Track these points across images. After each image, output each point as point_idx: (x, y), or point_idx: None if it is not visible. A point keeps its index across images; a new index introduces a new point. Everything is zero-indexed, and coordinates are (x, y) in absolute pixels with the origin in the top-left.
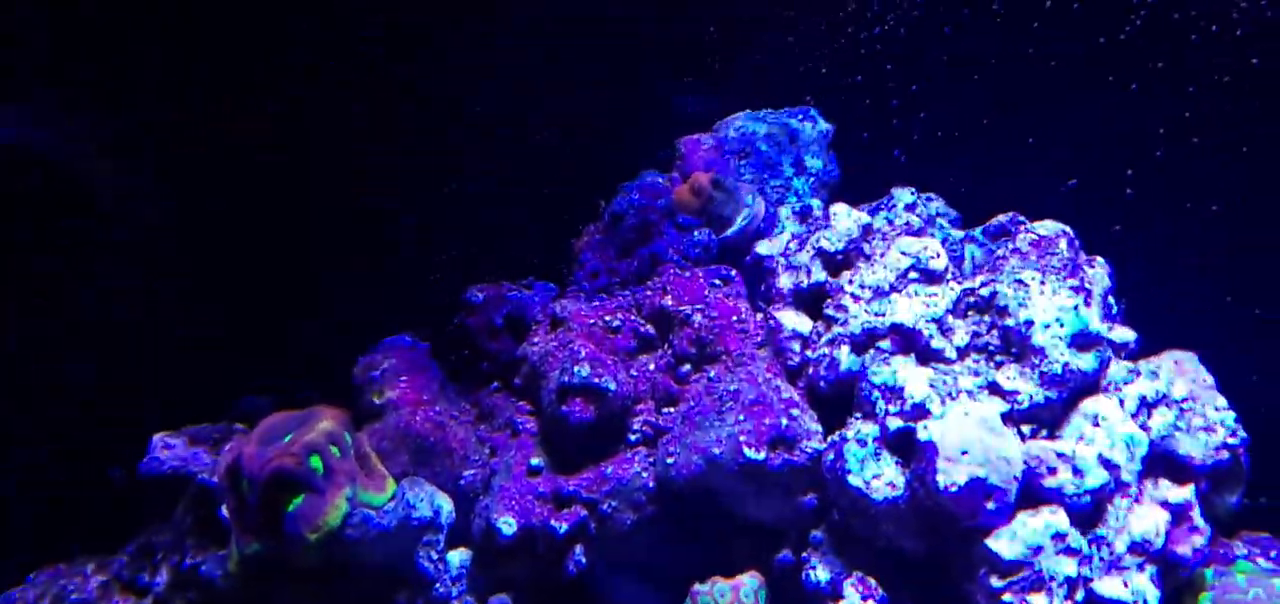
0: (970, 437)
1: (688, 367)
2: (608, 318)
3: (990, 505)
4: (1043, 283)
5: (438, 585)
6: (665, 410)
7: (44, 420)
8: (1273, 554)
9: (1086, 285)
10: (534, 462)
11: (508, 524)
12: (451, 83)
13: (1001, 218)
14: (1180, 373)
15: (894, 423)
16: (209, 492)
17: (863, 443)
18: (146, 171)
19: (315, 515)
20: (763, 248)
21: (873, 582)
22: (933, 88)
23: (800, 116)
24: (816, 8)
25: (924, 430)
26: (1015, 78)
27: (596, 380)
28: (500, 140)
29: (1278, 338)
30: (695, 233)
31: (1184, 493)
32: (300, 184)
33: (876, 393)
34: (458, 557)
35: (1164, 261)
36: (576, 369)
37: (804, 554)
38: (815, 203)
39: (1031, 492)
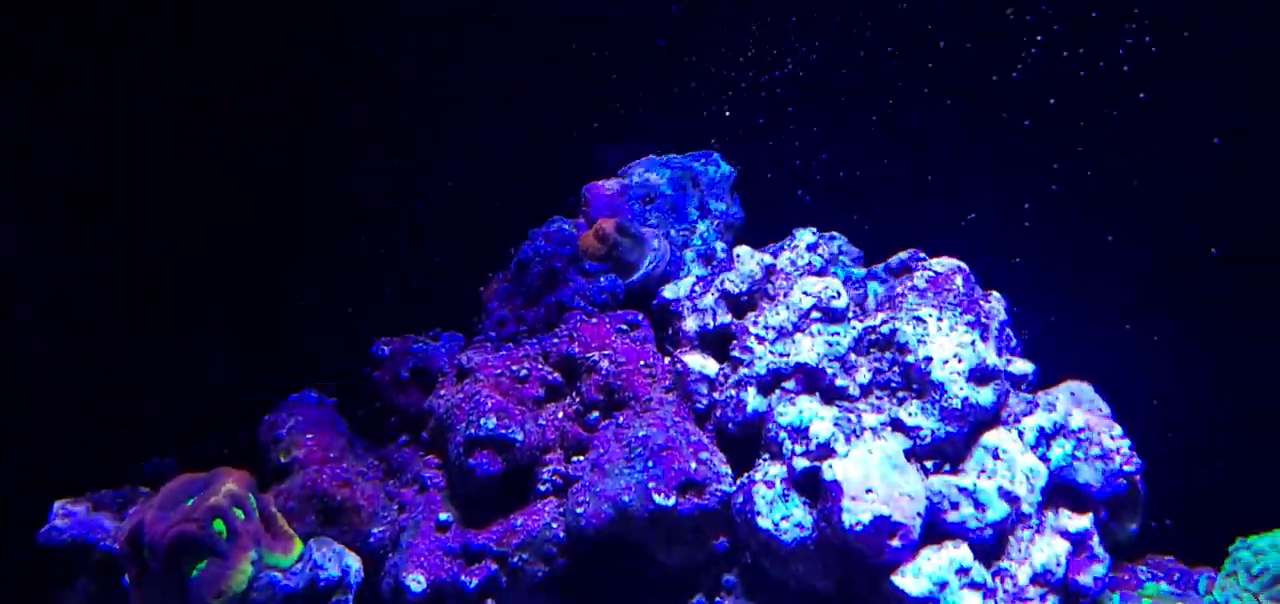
0: (874, 475)
1: (597, 413)
2: (514, 367)
3: (895, 543)
4: (940, 319)
5: None
6: (575, 458)
7: None
8: (1176, 577)
9: (983, 320)
10: (442, 516)
11: (417, 581)
12: (361, 134)
13: (902, 255)
14: (1077, 403)
15: (800, 463)
16: (113, 559)
17: (771, 485)
18: (45, 228)
19: (219, 580)
20: (668, 291)
21: None
22: (833, 129)
23: (703, 160)
24: (719, 54)
25: (829, 470)
26: (913, 117)
27: (503, 431)
28: (410, 189)
29: (1174, 363)
30: (601, 279)
31: (1083, 522)
32: (202, 241)
33: (783, 433)
34: None
35: (1062, 291)
36: (483, 421)
37: (717, 598)
38: (719, 245)
39: (935, 527)
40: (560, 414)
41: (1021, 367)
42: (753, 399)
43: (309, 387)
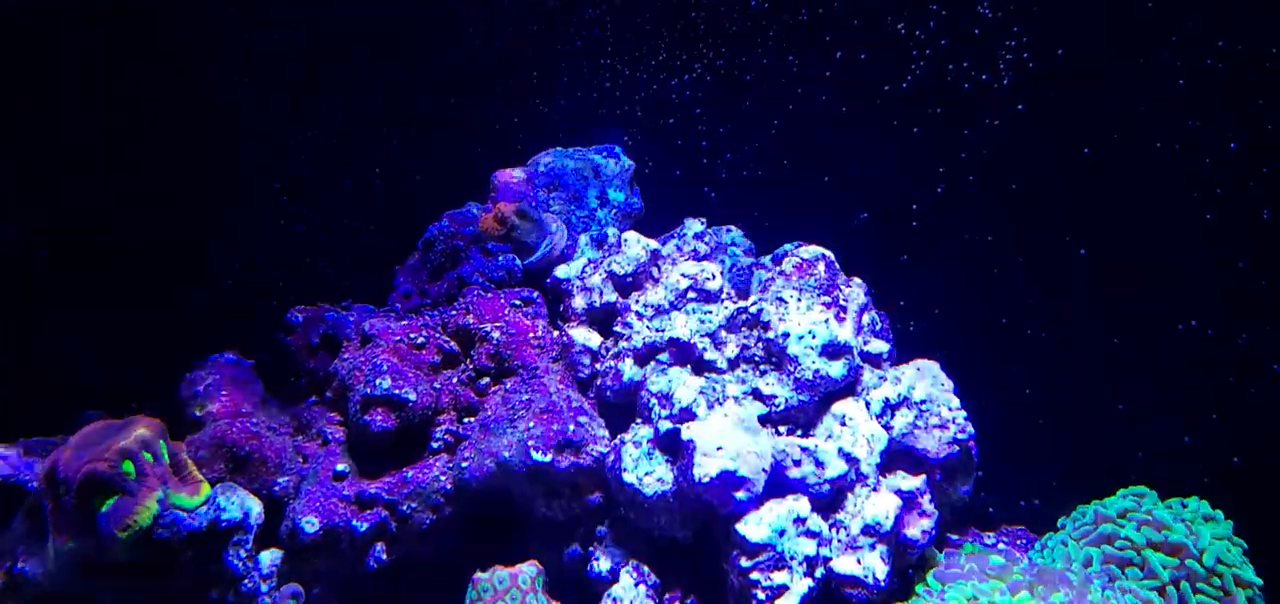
0: (726, 435)
1: (487, 380)
2: (413, 335)
3: (740, 494)
4: (800, 300)
5: (246, 581)
6: (466, 420)
7: None
8: (1020, 542)
9: (841, 302)
10: (340, 467)
11: (310, 523)
12: (304, 115)
13: (787, 246)
14: (921, 378)
15: (665, 425)
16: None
17: (638, 444)
18: None
19: (125, 515)
20: (561, 271)
21: (646, 568)
22: (738, 131)
23: (605, 154)
24: (632, 56)
25: (687, 430)
26: (811, 123)
27: (397, 391)
28: (342, 176)
29: (1050, 354)
30: (500, 258)
31: (916, 482)
32: (145, 207)
33: (653, 400)
34: (269, 556)
35: (943, 284)
36: (378, 381)
37: (590, 547)
38: (612, 231)
39: (779, 482)
40: (455, 380)
41: (878, 346)
42: (629, 369)
43: (228, 350)
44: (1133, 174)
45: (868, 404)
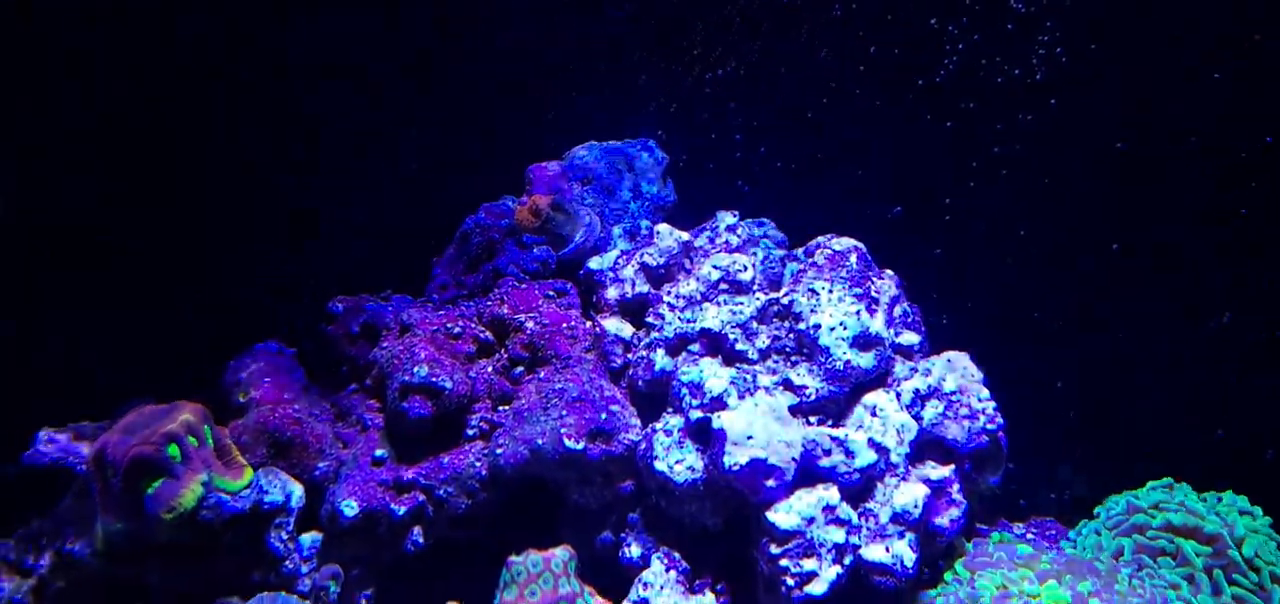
0: (756, 424)
1: (521, 369)
2: (449, 325)
3: (770, 483)
4: (831, 291)
5: (287, 562)
6: (500, 408)
7: None
8: (1050, 533)
9: (872, 294)
10: (378, 453)
11: (350, 507)
12: (351, 109)
13: (820, 238)
14: (952, 369)
15: (696, 414)
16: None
17: (669, 433)
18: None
19: (171, 497)
20: (594, 262)
21: (677, 554)
22: (772, 125)
23: (639, 147)
24: (667, 51)
25: (717, 419)
26: (845, 116)
27: (434, 379)
28: (385, 169)
29: (1081, 349)
30: (535, 249)
31: (945, 471)
32: (196, 199)
33: (684, 389)
34: (309, 538)
35: (976, 279)
36: (416, 369)
37: (622, 534)
38: (645, 223)
39: (809, 471)
40: (489, 368)
41: (909, 338)
42: (661, 359)
43: (273, 338)
44: (1167, 168)
45: (898, 395)
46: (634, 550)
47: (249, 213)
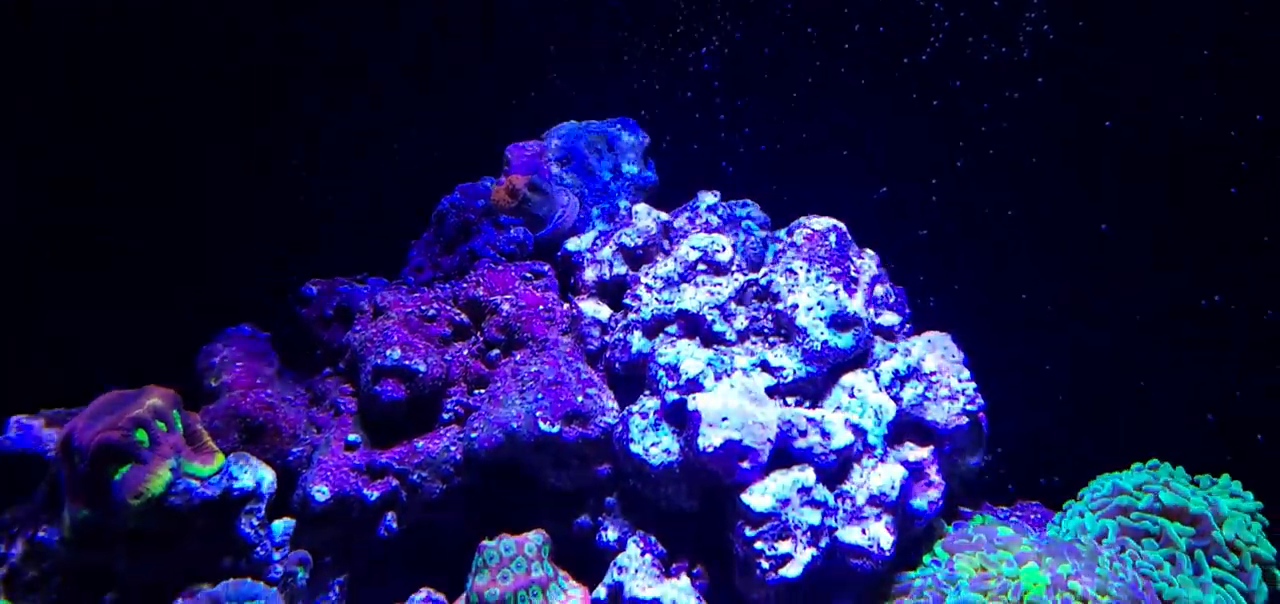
0: (732, 406)
1: (497, 352)
2: (424, 307)
3: (745, 465)
4: (809, 271)
5: (258, 549)
6: (476, 391)
7: None
8: (1034, 517)
9: (852, 274)
10: (351, 437)
11: (321, 492)
12: (325, 92)
13: (801, 219)
14: (932, 349)
15: (671, 396)
16: None
17: (645, 416)
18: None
19: (138, 483)
20: (571, 244)
21: (653, 538)
22: (755, 104)
23: (619, 126)
24: (648, 29)
25: (693, 401)
26: (830, 95)
27: (407, 362)
28: (365, 148)
29: (1068, 333)
30: (511, 230)
31: (923, 453)
32: (171, 179)
33: (660, 371)
34: (282, 524)
35: (962, 259)
36: (389, 353)
37: (599, 517)
38: (624, 204)
39: (784, 453)
40: (465, 351)
41: (890, 318)
42: (638, 341)
43: (245, 322)
44: (1155, 147)
45: (877, 376)
46: (610, 534)
47: (219, 195)
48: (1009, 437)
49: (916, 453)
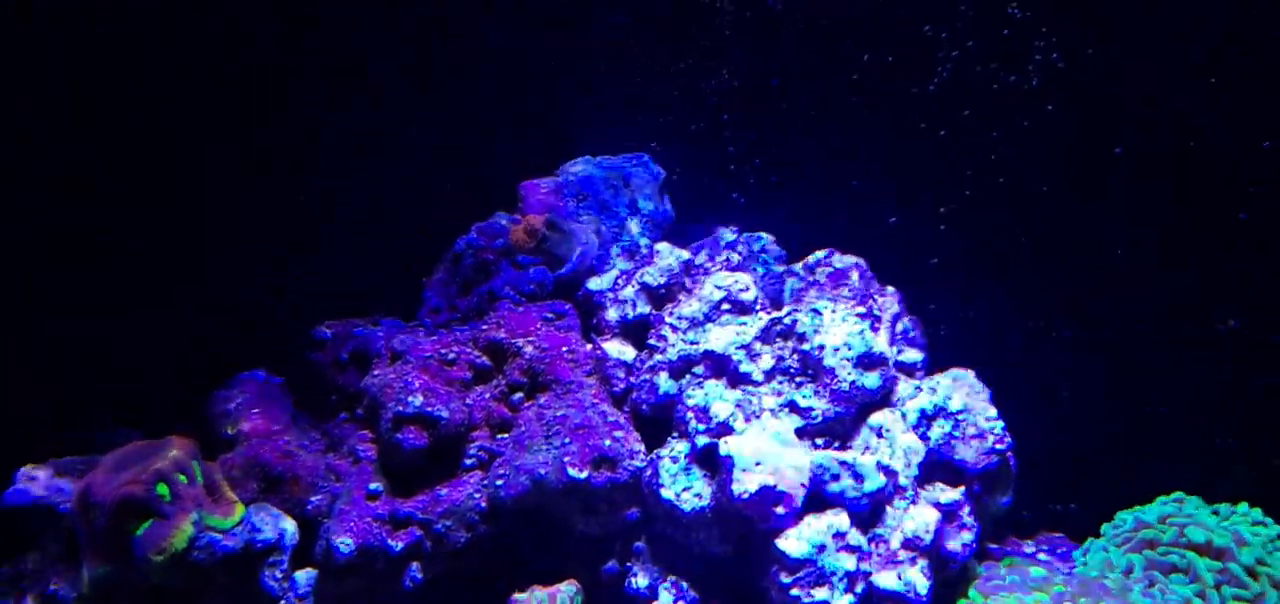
0: (764, 449)
1: (520, 395)
2: (444, 350)
3: (779, 510)
4: (835, 310)
5: (282, 602)
6: (499, 436)
7: None
8: (1060, 551)
9: (875, 312)
10: (373, 486)
11: (345, 544)
12: (326, 125)
13: (819, 254)
14: (958, 387)
15: (702, 440)
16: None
17: (675, 460)
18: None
19: (161, 539)
20: (593, 283)
21: (685, 585)
22: (765, 135)
23: (634, 162)
24: (658, 61)
25: (725, 446)
26: (839, 125)
27: (429, 409)
28: (368, 186)
29: (1077, 360)
30: (530, 270)
31: (955, 494)
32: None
33: (689, 413)
34: (304, 575)
35: (973, 289)
36: (410, 399)
37: (628, 563)
38: (644, 241)
39: (818, 497)
40: (487, 395)
41: (912, 355)
42: (664, 383)
43: (258, 366)
44: (1166, 173)
45: (904, 415)
46: (640, 580)
47: (229, 232)
48: (1021, 465)
49: (948, 494)
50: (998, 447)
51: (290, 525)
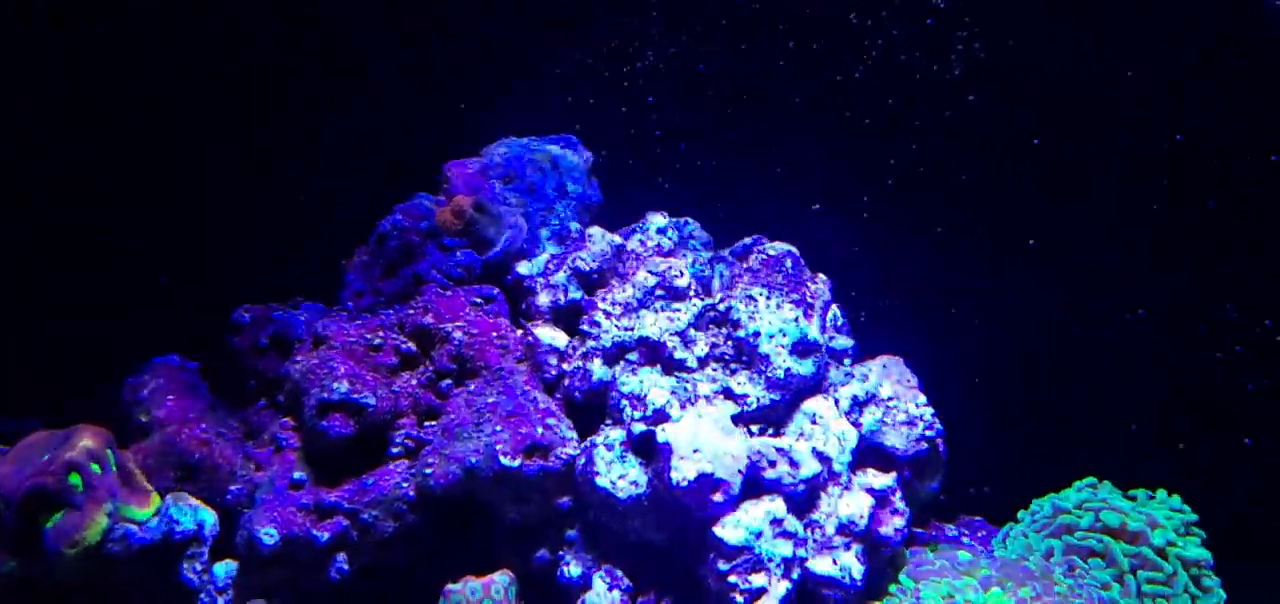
0: (702, 437)
1: (449, 382)
2: (369, 336)
3: (717, 497)
4: (769, 298)
5: (202, 595)
6: (427, 424)
7: None
8: (981, 534)
9: (808, 299)
10: (296, 475)
11: (269, 535)
12: (246, 105)
13: (747, 240)
14: (887, 375)
15: (638, 427)
16: None
17: (610, 447)
18: None
19: (74, 531)
20: (523, 268)
21: (619, 572)
22: (692, 120)
23: (562, 144)
24: (582, 42)
25: (662, 433)
26: (765, 112)
27: (355, 396)
28: (284, 167)
29: (994, 345)
30: (458, 254)
31: (887, 480)
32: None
33: (624, 401)
34: (224, 568)
35: (896, 274)
36: (335, 386)
37: (560, 552)
38: (574, 225)
39: (756, 483)
40: (414, 382)
41: (842, 342)
42: (598, 369)
43: (173, 352)
44: (1083, 164)
45: (837, 401)
46: (573, 569)
47: (141, 215)
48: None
49: (880, 480)
50: (927, 433)
51: (210, 516)
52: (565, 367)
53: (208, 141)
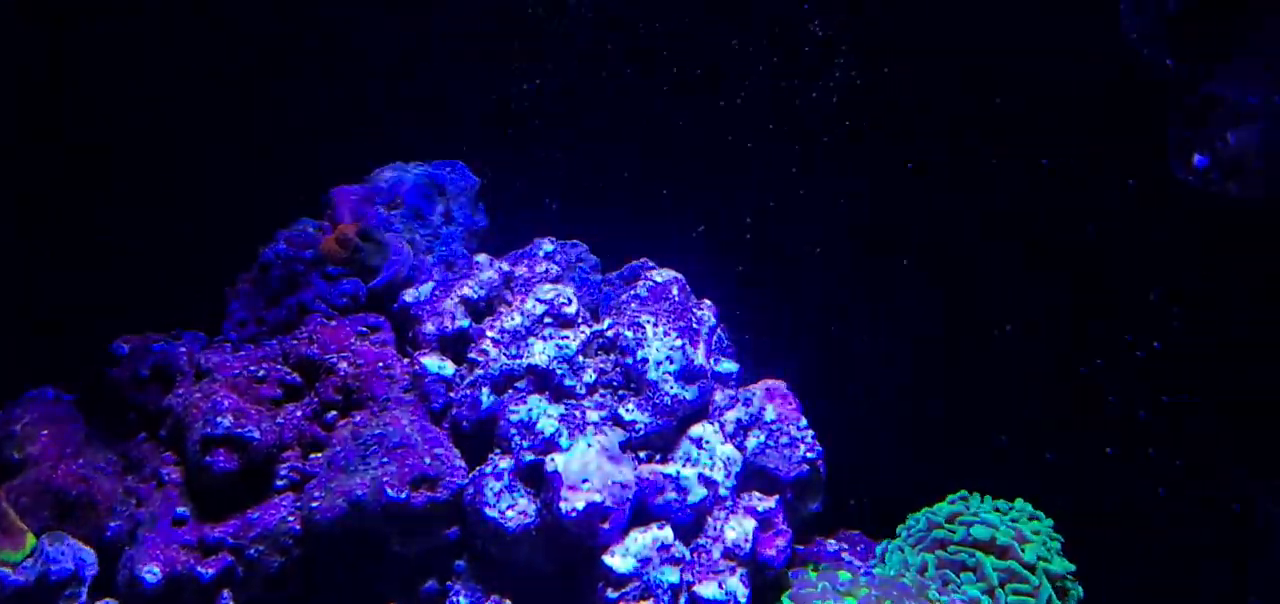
0: (591, 465)
1: (334, 413)
2: (253, 368)
3: (606, 526)
4: (656, 324)
5: None
6: (312, 456)
7: None
8: (860, 548)
9: (694, 326)
10: (179, 510)
11: (152, 573)
12: (119, 124)
13: (634, 263)
14: (770, 399)
15: (527, 456)
16: None
17: (499, 476)
18: None
19: None
20: (409, 296)
21: (508, 602)
22: (579, 142)
23: (449, 169)
24: (471, 62)
25: (551, 462)
26: (650, 135)
27: (240, 430)
28: (161, 189)
29: (870, 363)
30: (343, 282)
31: (770, 502)
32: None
33: (513, 430)
34: None
35: (776, 296)
36: (219, 419)
37: (448, 583)
38: (462, 251)
39: (645, 509)
40: (299, 414)
41: (728, 366)
42: (486, 398)
43: (47, 384)
44: (955, 186)
45: (722, 425)
46: (462, 600)
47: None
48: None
49: (764, 503)
50: (809, 455)
51: (89, 555)
52: (453, 395)
53: (84, 165)
